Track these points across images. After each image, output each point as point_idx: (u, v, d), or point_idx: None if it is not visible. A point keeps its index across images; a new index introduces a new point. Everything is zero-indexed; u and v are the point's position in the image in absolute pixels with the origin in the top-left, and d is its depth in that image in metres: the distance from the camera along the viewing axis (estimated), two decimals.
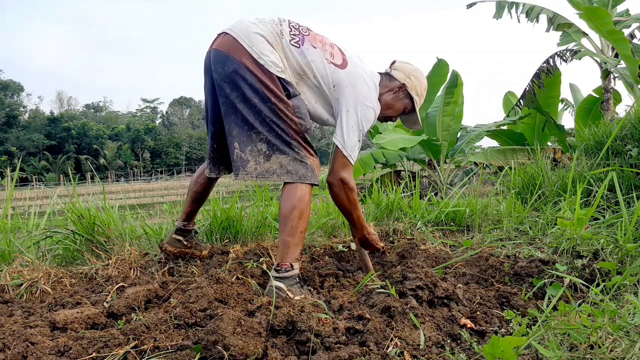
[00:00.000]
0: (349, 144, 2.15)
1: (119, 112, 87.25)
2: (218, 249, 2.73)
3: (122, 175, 59.30)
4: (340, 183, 2.18)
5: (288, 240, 2.06)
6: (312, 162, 2.15)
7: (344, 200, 2.22)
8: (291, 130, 2.09)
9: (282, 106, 2.07)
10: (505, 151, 10.04)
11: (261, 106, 2.05)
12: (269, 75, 2.06)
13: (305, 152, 2.14)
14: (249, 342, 1.54)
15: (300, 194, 2.08)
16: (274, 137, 2.07)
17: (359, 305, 1.96)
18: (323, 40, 2.27)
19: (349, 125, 2.16)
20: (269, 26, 2.15)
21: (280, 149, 2.08)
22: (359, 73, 2.23)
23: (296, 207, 2.06)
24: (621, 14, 9.98)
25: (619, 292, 1.88)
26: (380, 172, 12.03)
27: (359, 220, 2.33)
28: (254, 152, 2.08)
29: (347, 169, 2.17)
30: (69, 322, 1.80)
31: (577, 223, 2.42)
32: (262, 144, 2.07)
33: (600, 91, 10.37)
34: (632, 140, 3.53)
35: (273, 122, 2.06)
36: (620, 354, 1.35)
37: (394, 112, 2.43)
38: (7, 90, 64.20)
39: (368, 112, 2.20)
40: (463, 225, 3.34)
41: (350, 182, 2.19)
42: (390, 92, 2.38)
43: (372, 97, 2.23)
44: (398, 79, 2.37)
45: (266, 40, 2.10)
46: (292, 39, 2.17)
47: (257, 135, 2.07)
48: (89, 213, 2.79)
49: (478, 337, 1.71)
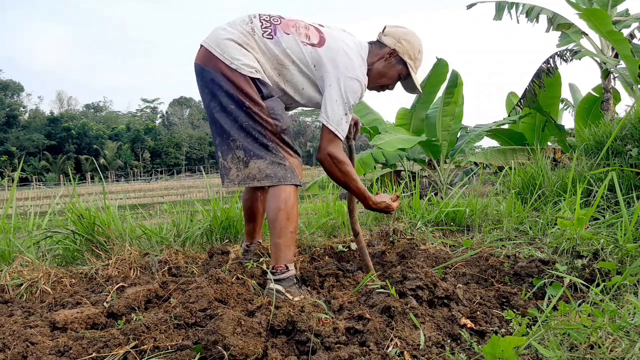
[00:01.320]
0: (334, 118, 2.12)
1: (119, 112, 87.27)
2: (218, 249, 2.73)
3: (122, 175, 59.28)
4: (329, 158, 2.15)
5: (278, 242, 2.08)
6: (291, 163, 2.15)
7: (338, 174, 2.19)
8: (268, 132, 2.11)
9: (256, 109, 2.09)
10: (505, 151, 10.05)
11: (237, 112, 2.09)
12: (243, 78, 2.08)
13: (284, 152, 2.14)
14: (249, 342, 1.54)
15: (284, 195, 2.10)
16: (251, 143, 2.10)
17: (359, 305, 1.96)
18: (297, 24, 2.24)
19: (332, 99, 2.13)
20: (239, 28, 2.16)
21: (256, 154, 2.10)
22: (338, 46, 2.20)
23: (281, 208, 2.08)
24: (621, 13, 9.98)
25: (619, 292, 1.88)
26: (380, 172, 12.02)
27: (359, 191, 2.26)
28: (234, 159, 2.12)
29: (334, 143, 2.14)
30: (69, 322, 1.80)
31: (577, 223, 2.42)
32: (240, 150, 2.11)
33: (600, 90, 10.37)
34: (632, 140, 3.53)
35: (250, 126, 2.09)
36: (620, 354, 1.35)
37: (389, 79, 2.36)
38: (7, 90, 64.22)
39: (352, 84, 2.15)
40: (463, 225, 3.34)
41: (338, 155, 2.16)
42: (381, 60, 2.31)
43: (355, 68, 2.18)
44: (388, 45, 2.30)
45: (237, 44, 2.11)
46: (265, 32, 2.16)
47: (234, 143, 2.11)
48: (89, 213, 2.79)
49: (478, 337, 1.71)
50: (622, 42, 8.06)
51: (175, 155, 67.76)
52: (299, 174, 2.17)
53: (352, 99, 2.15)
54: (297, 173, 2.16)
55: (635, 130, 3.53)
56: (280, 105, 2.18)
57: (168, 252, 2.69)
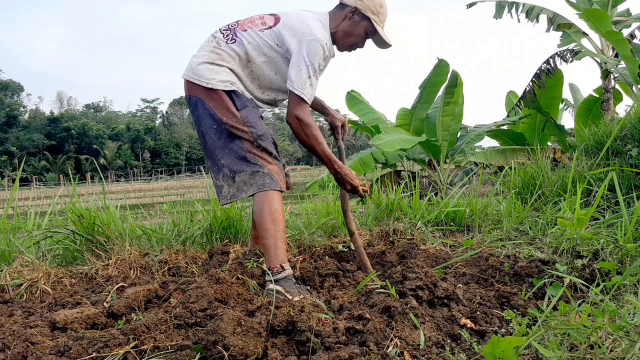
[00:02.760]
0: (298, 82, 2.19)
1: (119, 112, 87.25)
2: (218, 249, 2.73)
3: (122, 175, 59.30)
4: (296, 121, 2.22)
5: (266, 243, 2.15)
6: (270, 169, 2.24)
7: (304, 137, 2.25)
8: (245, 143, 2.23)
9: (233, 122, 2.22)
10: (505, 151, 10.05)
11: (219, 132, 2.24)
12: (219, 94, 2.24)
13: (262, 161, 2.24)
14: (249, 342, 1.54)
15: (266, 199, 2.18)
16: (232, 159, 2.23)
17: (359, 305, 1.96)
18: (252, 20, 2.37)
19: (295, 65, 2.21)
20: (206, 48, 2.31)
21: (238, 168, 2.22)
22: (293, 18, 2.31)
23: (264, 211, 2.17)
24: (621, 13, 9.98)
25: (619, 292, 1.88)
26: (380, 172, 12.03)
27: (325, 154, 2.30)
28: (225, 177, 2.25)
29: (301, 106, 2.22)
30: (69, 322, 1.80)
31: (577, 223, 2.42)
32: (225, 169, 2.25)
33: (600, 91, 10.37)
34: (632, 140, 3.53)
35: (230, 142, 2.23)
36: (620, 354, 1.35)
37: (357, 38, 2.43)
38: (7, 90, 64.22)
39: (312, 46, 2.22)
40: (463, 225, 3.34)
41: (305, 118, 2.23)
42: (345, 20, 2.39)
43: (312, 31, 2.25)
44: (349, 4, 2.38)
45: (208, 64, 2.26)
46: (227, 39, 2.31)
47: (220, 162, 2.26)
48: (89, 213, 2.79)
49: (478, 337, 1.71)
50: (622, 42, 8.06)
51: (175, 155, 67.78)
52: (279, 179, 2.25)
53: (315, 61, 2.22)
54: (277, 179, 2.24)
55: (635, 130, 3.53)
56: (254, 113, 2.29)
57: (168, 252, 2.69)
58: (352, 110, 11.94)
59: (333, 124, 2.65)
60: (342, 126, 2.64)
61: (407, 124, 11.93)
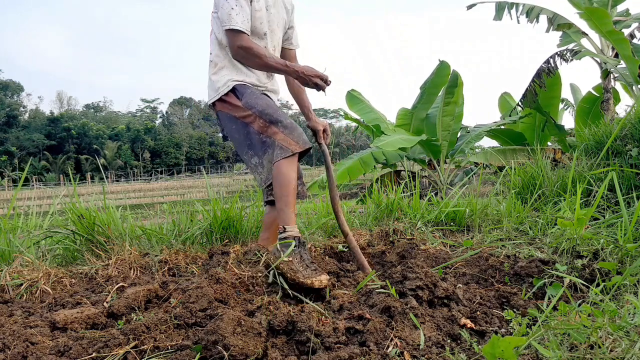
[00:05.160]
0: (224, 17, 2.37)
1: (119, 112, 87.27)
2: (218, 249, 2.72)
3: (122, 175, 59.29)
4: (241, 50, 2.39)
5: (277, 205, 2.37)
6: (279, 140, 2.36)
7: (256, 60, 2.41)
8: (255, 127, 2.41)
9: (240, 113, 2.45)
10: (505, 151, 10.04)
11: (237, 130, 2.48)
12: (225, 98, 2.49)
13: (274, 135, 2.37)
14: (249, 342, 1.54)
15: (277, 169, 2.36)
16: (253, 149, 2.45)
17: (359, 305, 1.96)
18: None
19: (217, 5, 2.44)
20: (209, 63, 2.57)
21: (257, 153, 2.44)
22: None
23: (275, 178, 2.37)
24: (621, 13, 9.98)
25: (619, 292, 1.88)
26: (380, 172, 12.03)
27: (280, 64, 2.42)
28: (257, 167, 2.48)
29: (238, 37, 2.38)
30: (69, 322, 1.80)
31: (577, 223, 2.42)
32: (253, 158, 2.48)
33: (600, 90, 10.36)
34: (632, 140, 3.53)
35: (246, 133, 2.45)
36: (620, 354, 1.35)
37: None
38: (7, 90, 64.24)
39: None
40: (463, 225, 3.34)
41: (246, 44, 2.38)
42: None
43: None
44: None
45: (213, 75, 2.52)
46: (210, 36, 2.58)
47: (247, 155, 2.50)
48: (89, 213, 2.79)
49: (478, 337, 1.71)
50: (623, 42, 8.06)
51: (175, 155, 67.78)
52: (289, 143, 2.35)
53: None
54: (287, 144, 2.34)
55: (635, 130, 3.53)
56: (252, 95, 2.46)
57: (168, 252, 2.69)
58: (352, 110, 11.94)
59: (315, 128, 2.76)
60: (324, 130, 2.75)
61: (408, 123, 11.93)
